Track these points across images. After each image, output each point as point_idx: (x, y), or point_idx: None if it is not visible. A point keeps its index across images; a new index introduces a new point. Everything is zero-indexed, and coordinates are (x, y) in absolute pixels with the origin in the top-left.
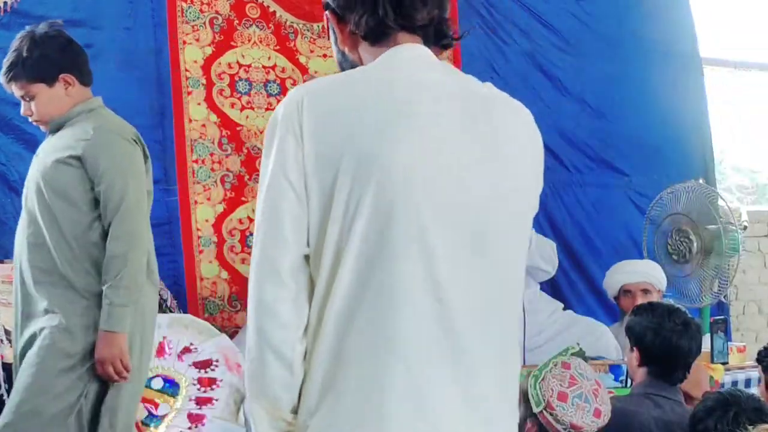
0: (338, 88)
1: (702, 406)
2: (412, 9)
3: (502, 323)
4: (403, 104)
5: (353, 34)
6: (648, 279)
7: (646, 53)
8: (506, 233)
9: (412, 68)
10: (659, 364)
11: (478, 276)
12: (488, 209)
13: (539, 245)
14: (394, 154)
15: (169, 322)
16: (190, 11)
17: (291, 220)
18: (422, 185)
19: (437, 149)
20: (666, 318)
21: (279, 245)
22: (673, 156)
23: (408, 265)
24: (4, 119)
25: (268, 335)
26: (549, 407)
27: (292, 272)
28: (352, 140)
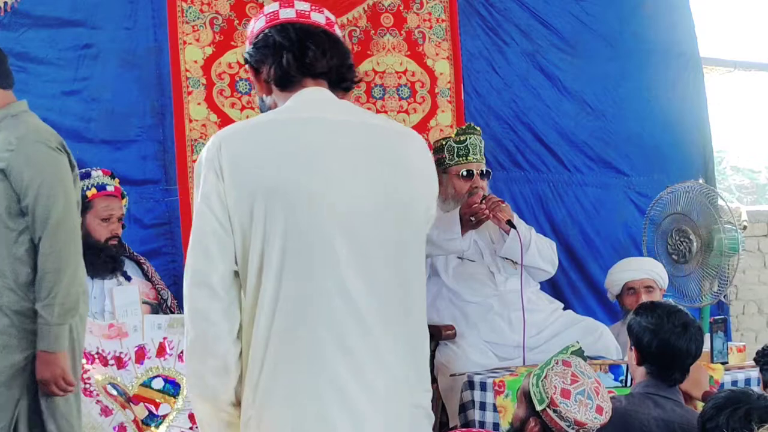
0: (249, 132)
1: (712, 404)
2: (313, 60)
3: (408, 314)
4: (307, 139)
5: (267, 83)
6: (651, 276)
7: (646, 53)
8: (404, 241)
9: (316, 107)
10: (656, 365)
11: (381, 278)
12: (386, 222)
13: (539, 245)
14: (300, 184)
15: (169, 322)
16: (190, 11)
17: (216, 242)
18: (327, 207)
19: (340, 176)
20: (665, 319)
21: (207, 263)
22: (673, 156)
23: (319, 275)
24: None
25: (205, 340)
26: (552, 404)
27: (222, 285)
28: (263, 174)
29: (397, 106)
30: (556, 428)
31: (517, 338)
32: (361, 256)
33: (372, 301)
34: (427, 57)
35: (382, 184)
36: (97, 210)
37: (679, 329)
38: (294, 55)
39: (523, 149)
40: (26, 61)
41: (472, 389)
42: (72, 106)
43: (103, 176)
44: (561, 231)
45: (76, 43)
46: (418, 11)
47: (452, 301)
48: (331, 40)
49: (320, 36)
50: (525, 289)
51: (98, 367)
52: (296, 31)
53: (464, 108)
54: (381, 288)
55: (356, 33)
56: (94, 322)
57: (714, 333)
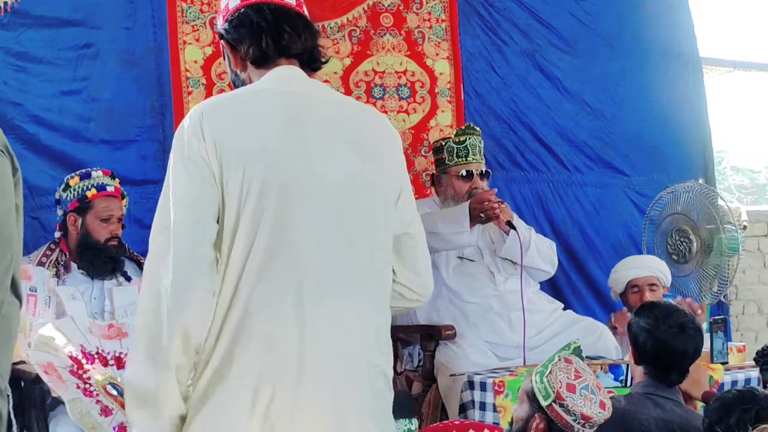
0: (229, 102)
1: (720, 405)
2: (289, 42)
3: (373, 281)
4: (284, 109)
5: (243, 60)
6: (655, 273)
7: (645, 53)
8: (374, 211)
9: (290, 83)
10: (653, 365)
11: (351, 243)
12: (358, 191)
13: (539, 245)
14: (279, 150)
15: None
16: (190, 11)
17: (204, 198)
18: (303, 173)
19: (316, 145)
20: (661, 320)
21: (198, 218)
22: (673, 156)
23: (291, 236)
24: (4, 119)
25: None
26: (559, 398)
27: (210, 243)
28: (243, 141)
29: (397, 106)
30: (562, 423)
31: (517, 338)
32: (334, 222)
33: (340, 264)
34: (426, 57)
35: (355, 155)
36: (97, 210)
37: (675, 330)
38: (272, 36)
39: (523, 149)
40: (26, 61)
41: (472, 389)
42: (71, 105)
43: (104, 176)
44: (561, 231)
45: (76, 42)
46: (417, 11)
47: (452, 301)
48: (304, 21)
49: (294, 18)
50: (525, 289)
51: (98, 367)
52: (272, 12)
53: (464, 108)
54: (350, 253)
55: (356, 33)
56: (94, 322)
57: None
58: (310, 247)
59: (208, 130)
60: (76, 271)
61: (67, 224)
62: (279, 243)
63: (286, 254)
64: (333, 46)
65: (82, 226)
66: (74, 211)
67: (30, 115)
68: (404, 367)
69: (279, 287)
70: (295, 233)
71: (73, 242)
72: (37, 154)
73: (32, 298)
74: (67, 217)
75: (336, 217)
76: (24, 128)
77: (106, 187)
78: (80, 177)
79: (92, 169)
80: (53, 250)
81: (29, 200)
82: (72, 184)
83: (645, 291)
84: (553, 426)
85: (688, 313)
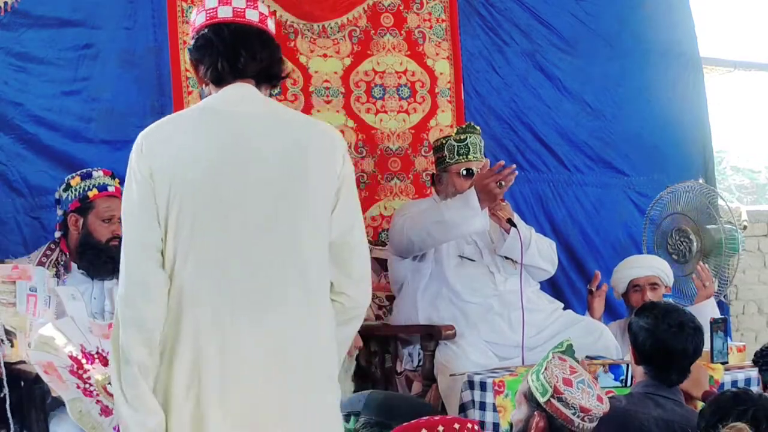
0: (168, 123)
1: (715, 407)
2: (244, 65)
3: (299, 286)
4: (216, 129)
5: (203, 78)
6: (656, 273)
7: (645, 53)
8: (300, 221)
9: (234, 103)
10: (652, 365)
11: (270, 255)
12: (281, 203)
13: (539, 244)
14: (209, 169)
15: None
16: (190, 11)
17: (148, 213)
18: (226, 191)
19: (242, 165)
20: (660, 319)
21: (145, 230)
22: (673, 156)
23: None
24: (5, 119)
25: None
26: (557, 392)
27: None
28: (173, 160)
29: (397, 106)
30: (561, 418)
31: (517, 338)
32: (260, 233)
33: (269, 273)
34: (427, 57)
35: (287, 169)
36: (99, 210)
37: (674, 329)
38: (228, 60)
39: (523, 149)
40: (26, 61)
41: (472, 389)
42: (72, 106)
43: (104, 176)
44: (561, 231)
45: (76, 43)
46: (418, 11)
47: (452, 301)
48: (263, 40)
49: (253, 38)
50: (525, 289)
51: (98, 367)
52: (231, 33)
53: (464, 108)
54: (278, 262)
55: (356, 33)
56: (94, 322)
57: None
58: (240, 258)
59: (146, 151)
60: (76, 271)
61: (68, 224)
62: (209, 253)
63: (217, 266)
64: (333, 46)
65: (83, 226)
66: (75, 211)
67: (30, 115)
68: (404, 367)
69: (207, 295)
70: (223, 244)
71: (73, 242)
72: (37, 154)
73: (32, 298)
74: (67, 217)
75: (264, 229)
76: (24, 128)
77: (108, 187)
78: (81, 177)
79: (93, 169)
80: (53, 250)
81: (29, 200)
82: (73, 184)
83: (646, 290)
84: (553, 423)
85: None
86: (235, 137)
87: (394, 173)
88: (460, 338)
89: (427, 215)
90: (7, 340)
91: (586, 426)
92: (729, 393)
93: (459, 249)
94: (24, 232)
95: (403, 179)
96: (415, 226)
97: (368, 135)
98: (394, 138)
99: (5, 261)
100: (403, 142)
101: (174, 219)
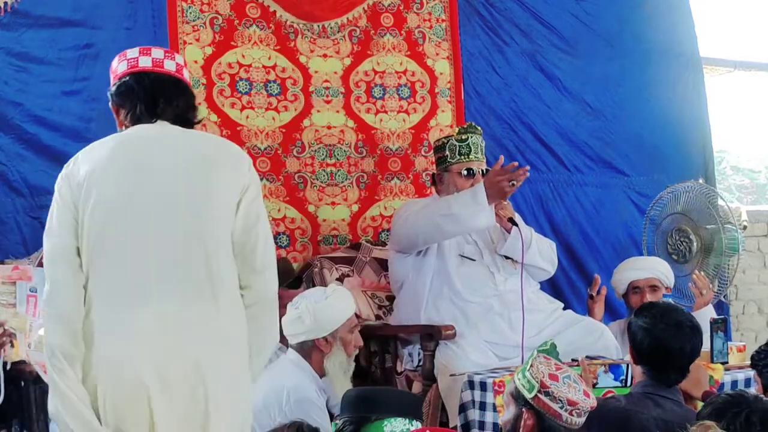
0: (93, 148)
1: (710, 410)
2: (162, 111)
3: (205, 283)
4: (127, 147)
5: (123, 121)
6: (656, 275)
7: (645, 53)
8: (203, 222)
9: (147, 129)
10: (650, 364)
11: (173, 255)
12: (184, 208)
13: (539, 244)
14: (119, 179)
15: None
16: (190, 11)
17: (66, 223)
18: (131, 200)
19: (151, 172)
20: (658, 318)
21: (60, 240)
22: (673, 156)
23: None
24: (5, 119)
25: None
26: (543, 387)
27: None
28: (93, 180)
29: (397, 106)
30: (549, 413)
31: (517, 338)
32: (163, 236)
33: (173, 272)
34: (427, 57)
35: (187, 177)
36: None
37: (672, 329)
38: (146, 105)
39: (524, 149)
40: (26, 61)
41: (472, 389)
42: (72, 106)
43: None
44: (561, 231)
45: (76, 43)
46: (418, 11)
47: (452, 301)
48: (179, 88)
49: (171, 87)
50: (525, 289)
51: None
52: (151, 81)
53: (464, 108)
54: (183, 262)
55: (356, 33)
56: None
57: (714, 333)
58: (144, 257)
59: (69, 168)
60: None
61: None
62: (116, 255)
63: (123, 265)
64: (333, 46)
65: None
66: None
67: (31, 115)
68: (404, 367)
69: (112, 292)
70: (129, 245)
71: None
72: (37, 154)
73: (32, 298)
74: None
75: (168, 231)
76: (25, 128)
77: None
78: None
79: None
80: None
81: (29, 200)
82: None
83: (646, 292)
84: (542, 419)
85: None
86: (143, 153)
87: (394, 173)
88: (460, 338)
89: (434, 207)
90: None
91: (574, 420)
92: (725, 395)
93: (459, 248)
94: (24, 232)
95: (403, 179)
96: (422, 218)
97: (368, 135)
98: (394, 138)
99: (5, 261)
100: (403, 142)
101: (87, 226)
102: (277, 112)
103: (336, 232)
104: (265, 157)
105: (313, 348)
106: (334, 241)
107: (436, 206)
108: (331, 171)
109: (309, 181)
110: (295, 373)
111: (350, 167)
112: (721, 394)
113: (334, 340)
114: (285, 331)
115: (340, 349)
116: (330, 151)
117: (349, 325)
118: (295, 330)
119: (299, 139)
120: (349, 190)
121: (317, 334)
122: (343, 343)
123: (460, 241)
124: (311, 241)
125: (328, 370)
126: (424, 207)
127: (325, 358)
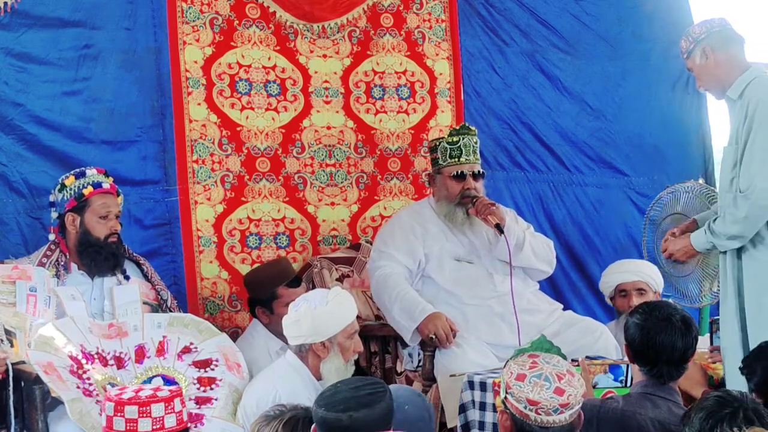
0: None
1: (703, 414)
2: None
3: None
4: None
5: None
6: (643, 278)
7: (645, 53)
8: None
9: None
10: (643, 360)
11: None
12: None
13: (533, 245)
14: None
15: (169, 321)
16: (190, 11)
17: None
18: None
19: None
20: (649, 313)
21: None
22: (673, 156)
23: None
24: (5, 119)
25: None
26: (508, 388)
27: None
28: None
29: (397, 107)
30: (518, 414)
31: (516, 339)
32: None
33: None
34: (426, 57)
35: None
36: (95, 208)
37: (662, 323)
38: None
39: (523, 149)
40: (26, 62)
41: (472, 389)
42: (72, 106)
43: (98, 174)
44: (561, 231)
45: (77, 43)
46: (417, 11)
47: (450, 304)
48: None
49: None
50: (524, 290)
51: (98, 367)
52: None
53: (464, 108)
54: None
55: (356, 33)
56: (94, 321)
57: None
58: None
59: None
60: (76, 271)
61: (66, 224)
62: None
63: None
64: (333, 46)
65: (80, 224)
66: (72, 210)
67: (31, 115)
68: (404, 367)
69: None
70: None
71: (72, 242)
72: (38, 154)
73: (32, 298)
74: (65, 217)
75: None
76: (25, 128)
77: (102, 184)
78: (75, 176)
79: (86, 168)
80: (54, 251)
81: (30, 200)
82: (68, 184)
83: (632, 296)
84: (515, 420)
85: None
86: None
87: (393, 173)
88: (460, 339)
89: (387, 291)
90: (7, 340)
91: (544, 419)
92: (711, 398)
93: (453, 253)
94: (24, 232)
95: (402, 179)
96: (376, 288)
97: (368, 135)
98: (393, 138)
99: (6, 261)
100: (403, 143)
101: None
102: (276, 113)
103: (336, 232)
104: (265, 158)
105: (310, 352)
106: (334, 241)
107: (390, 292)
108: (330, 171)
109: (309, 181)
110: (290, 377)
111: (350, 167)
112: (707, 398)
113: (331, 345)
114: (285, 333)
115: (337, 355)
116: (330, 151)
117: (348, 331)
118: (294, 333)
119: (299, 140)
120: (348, 191)
121: (314, 339)
122: (341, 348)
123: (450, 246)
124: (311, 241)
125: (324, 374)
126: (385, 279)
127: (322, 362)
